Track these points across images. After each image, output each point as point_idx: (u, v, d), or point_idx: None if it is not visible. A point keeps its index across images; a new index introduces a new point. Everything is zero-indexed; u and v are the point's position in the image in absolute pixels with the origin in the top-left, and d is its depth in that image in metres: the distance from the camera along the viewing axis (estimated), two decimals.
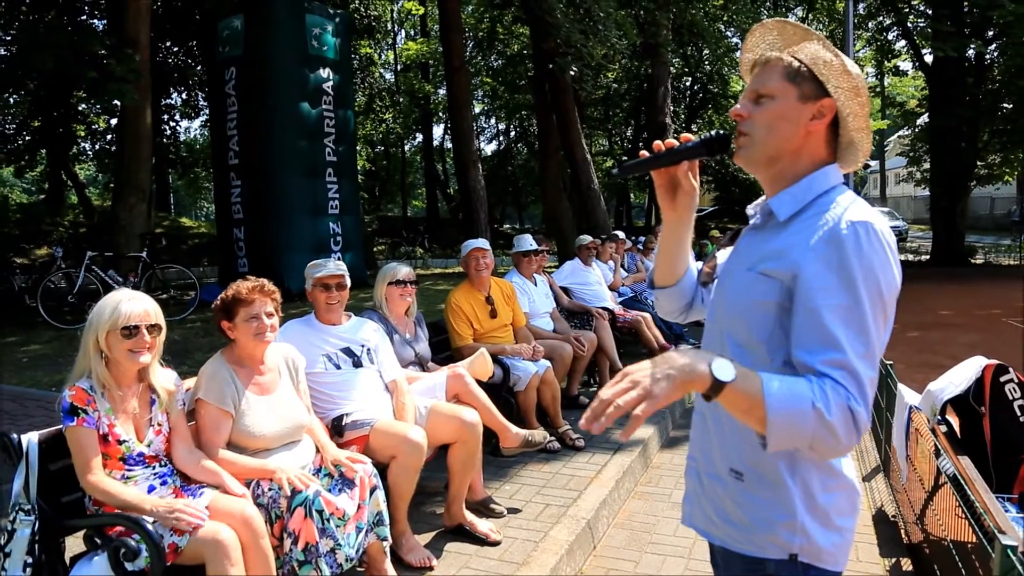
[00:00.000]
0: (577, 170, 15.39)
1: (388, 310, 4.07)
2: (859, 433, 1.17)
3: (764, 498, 1.34)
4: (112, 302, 2.45)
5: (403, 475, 3.11)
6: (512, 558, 3.19)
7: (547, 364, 4.83)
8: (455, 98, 14.43)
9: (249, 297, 2.80)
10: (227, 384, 2.75)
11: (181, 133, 25.00)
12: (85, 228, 17.38)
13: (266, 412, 2.80)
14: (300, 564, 2.50)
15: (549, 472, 4.24)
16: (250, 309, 2.80)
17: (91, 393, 2.40)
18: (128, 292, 2.52)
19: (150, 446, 2.51)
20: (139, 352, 2.44)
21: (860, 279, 1.20)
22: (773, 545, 1.34)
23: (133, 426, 2.50)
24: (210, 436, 2.70)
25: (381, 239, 23.33)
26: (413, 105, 29.27)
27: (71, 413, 2.36)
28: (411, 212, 36.03)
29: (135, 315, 2.43)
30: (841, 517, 1.35)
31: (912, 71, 24.45)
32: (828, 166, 1.37)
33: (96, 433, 2.38)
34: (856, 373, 1.18)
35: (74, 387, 2.40)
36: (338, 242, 11.74)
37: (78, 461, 2.36)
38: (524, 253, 5.79)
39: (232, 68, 11.40)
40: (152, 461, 2.52)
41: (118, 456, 2.43)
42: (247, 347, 2.84)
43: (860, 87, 1.34)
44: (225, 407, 2.72)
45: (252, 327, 2.79)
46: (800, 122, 1.35)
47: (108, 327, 2.41)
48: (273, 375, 2.91)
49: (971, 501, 2.44)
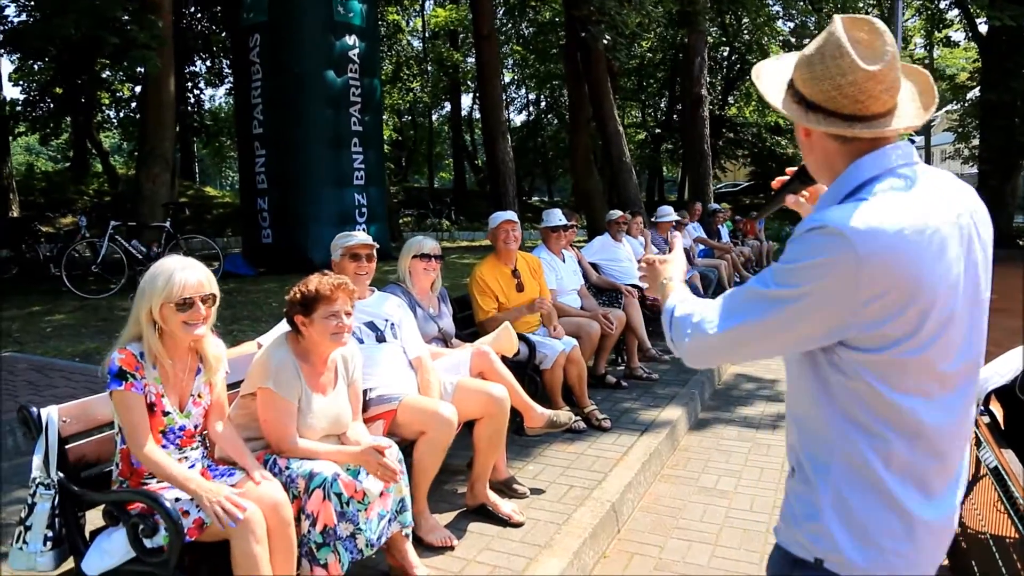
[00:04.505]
0: (609, 142, 15.13)
1: (412, 284, 4.00)
2: (677, 349, 1.46)
3: (800, 493, 1.34)
4: (165, 271, 2.34)
5: (431, 452, 3.06)
6: (535, 540, 3.12)
7: (574, 342, 4.73)
8: (484, 67, 14.21)
9: (333, 295, 2.67)
10: (294, 378, 2.66)
11: (206, 101, 25.08)
12: (109, 197, 17.55)
13: (318, 413, 2.72)
14: (318, 547, 2.45)
15: (574, 453, 4.16)
16: (330, 307, 2.67)
17: (140, 360, 2.34)
18: (181, 260, 2.41)
19: (189, 417, 2.46)
20: (194, 325, 2.36)
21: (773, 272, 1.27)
22: (797, 543, 1.33)
23: (178, 398, 2.44)
24: (285, 427, 2.63)
25: (407, 211, 23.27)
26: (441, 74, 29.06)
27: (119, 376, 2.29)
28: (438, 183, 35.94)
29: (190, 286, 2.33)
30: (889, 539, 1.26)
31: (964, 42, 23.63)
32: (855, 163, 1.29)
33: (144, 400, 2.32)
34: (704, 321, 1.35)
35: (124, 350, 2.33)
36: (363, 214, 11.67)
37: (128, 427, 2.30)
38: (553, 228, 5.67)
39: (256, 35, 11.28)
40: (186, 442, 2.47)
41: (159, 429, 2.38)
42: (319, 345, 2.72)
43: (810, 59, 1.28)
44: (292, 400, 2.65)
45: (330, 326, 2.67)
46: (801, 135, 1.36)
47: (162, 299, 2.31)
48: (331, 374, 2.82)
49: (1013, 495, 2.33)
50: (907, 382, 1.22)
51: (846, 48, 1.22)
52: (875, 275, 1.16)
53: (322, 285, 2.68)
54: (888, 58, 1.23)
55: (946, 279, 1.20)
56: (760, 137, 30.23)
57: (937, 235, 1.20)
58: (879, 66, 1.22)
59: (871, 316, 1.18)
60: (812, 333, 1.24)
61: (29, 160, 27.05)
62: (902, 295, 1.17)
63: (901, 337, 1.19)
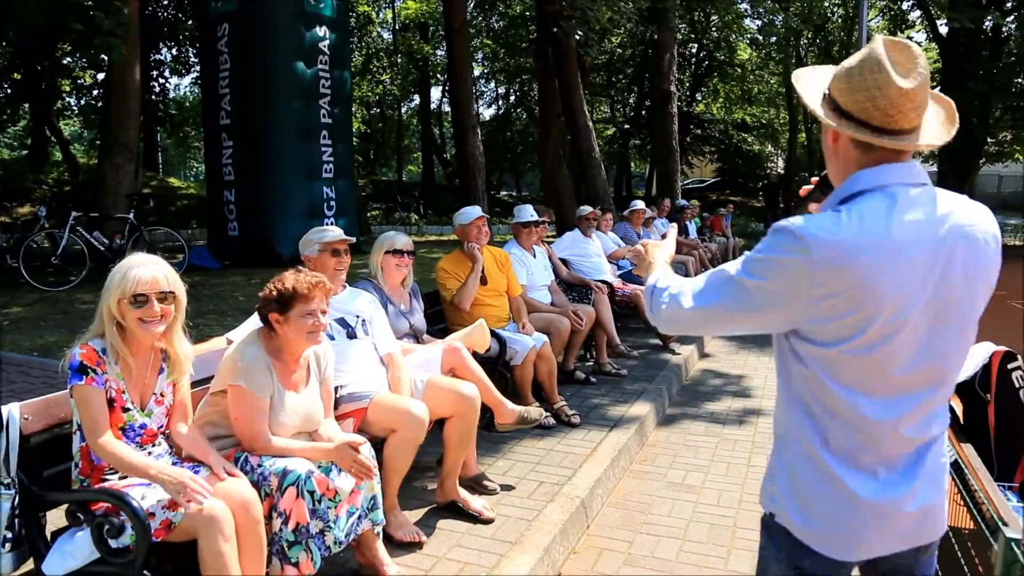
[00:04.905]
0: (578, 137, 15.15)
1: (383, 280, 3.97)
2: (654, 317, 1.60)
3: (771, 457, 1.55)
4: (123, 268, 2.34)
5: (402, 451, 3.05)
6: (505, 536, 3.13)
7: (544, 338, 4.74)
8: (454, 60, 14.14)
9: (311, 294, 2.62)
10: (266, 375, 2.62)
11: (171, 90, 24.58)
12: (70, 187, 17.07)
13: (290, 410, 2.69)
14: (290, 545, 2.43)
15: (543, 449, 4.18)
16: (308, 305, 2.62)
17: (102, 355, 2.31)
18: (140, 257, 2.39)
19: (151, 416, 2.43)
20: (151, 322, 2.34)
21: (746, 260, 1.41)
22: (763, 498, 1.55)
23: (140, 396, 2.41)
24: (257, 425, 2.59)
25: (375, 204, 23.10)
26: (411, 66, 28.84)
27: (80, 371, 2.26)
28: (406, 177, 35.65)
29: (143, 282, 2.31)
30: (829, 510, 1.42)
31: (925, 42, 24.07)
32: (853, 175, 1.40)
33: (104, 395, 2.30)
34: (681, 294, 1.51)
35: (86, 345, 2.31)
36: (332, 207, 11.55)
37: (87, 421, 2.27)
38: (524, 224, 5.68)
39: (225, 24, 11.08)
40: (148, 440, 2.43)
41: (119, 425, 2.35)
42: (294, 343, 2.68)
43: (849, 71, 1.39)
44: (264, 397, 2.61)
45: (307, 324, 2.63)
46: (829, 140, 1.45)
47: (118, 295, 2.31)
48: (303, 372, 2.79)
49: (971, 488, 2.39)
50: (849, 377, 1.37)
51: (885, 65, 1.33)
52: (827, 279, 1.30)
53: (299, 283, 2.64)
54: (920, 80, 1.33)
55: (901, 291, 1.31)
56: (727, 134, 30.55)
57: (900, 252, 1.30)
58: (911, 85, 1.32)
59: (823, 312, 1.33)
60: (772, 319, 1.41)
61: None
62: (852, 299, 1.30)
63: (848, 336, 1.33)
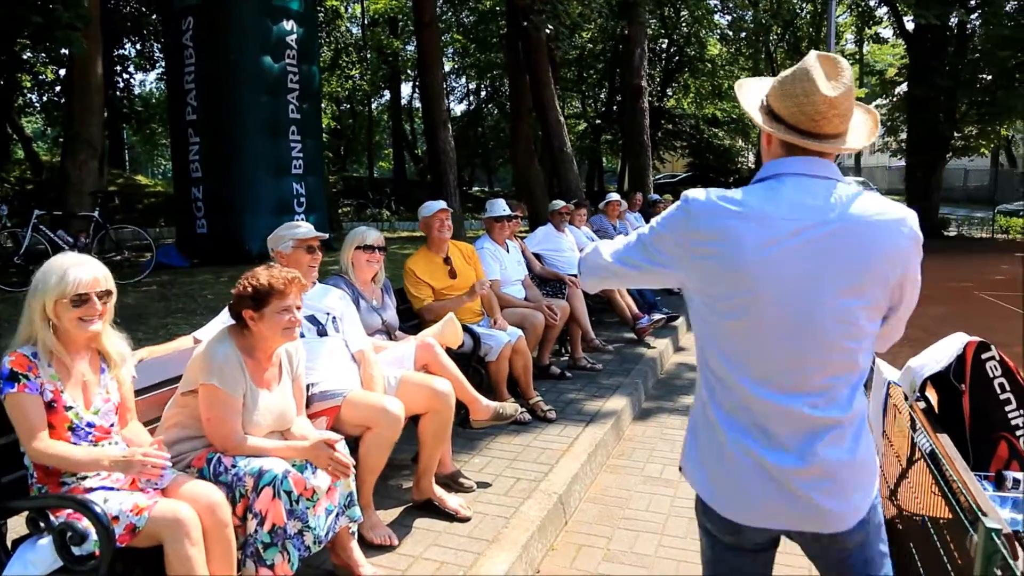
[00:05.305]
0: (549, 132, 15.12)
1: (354, 276, 3.91)
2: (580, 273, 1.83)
3: None
4: (58, 268, 2.26)
5: (377, 448, 3.00)
6: (482, 535, 3.09)
7: (519, 333, 4.71)
8: (425, 55, 13.99)
9: (286, 289, 2.57)
10: (239, 373, 2.56)
11: (136, 86, 24.16)
12: (33, 185, 16.69)
13: (263, 409, 2.63)
14: (265, 547, 2.37)
15: (520, 445, 4.15)
16: (283, 301, 2.57)
17: (34, 360, 2.24)
18: (75, 257, 2.34)
19: (98, 414, 2.36)
20: (90, 321, 2.28)
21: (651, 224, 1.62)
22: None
23: (82, 393, 2.34)
24: (231, 425, 2.53)
25: (346, 200, 22.86)
26: (381, 62, 28.60)
27: (11, 379, 2.19)
28: (377, 173, 35.38)
29: (84, 283, 2.25)
30: (718, 465, 1.55)
31: (892, 39, 24.44)
32: (767, 163, 1.57)
33: (40, 400, 2.23)
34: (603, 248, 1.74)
35: (14, 353, 2.24)
36: (302, 203, 11.37)
37: (21, 428, 2.20)
38: (497, 218, 5.63)
39: (189, 18, 10.83)
40: (101, 437, 2.35)
41: (66, 425, 2.27)
42: (268, 340, 2.63)
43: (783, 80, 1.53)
44: (238, 396, 2.55)
45: (282, 321, 2.58)
46: (764, 141, 1.61)
47: (56, 295, 2.24)
48: (275, 370, 2.73)
49: (948, 477, 2.40)
50: (728, 344, 1.50)
51: (812, 75, 1.46)
52: (700, 235, 1.48)
53: (275, 279, 2.59)
54: (844, 89, 1.47)
55: (770, 263, 1.43)
56: (698, 129, 30.69)
57: (771, 225, 1.44)
58: (835, 94, 1.46)
59: (701, 273, 1.50)
60: (668, 275, 1.61)
61: None
62: (723, 260, 1.45)
63: (723, 299, 1.48)
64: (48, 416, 2.24)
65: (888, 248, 1.46)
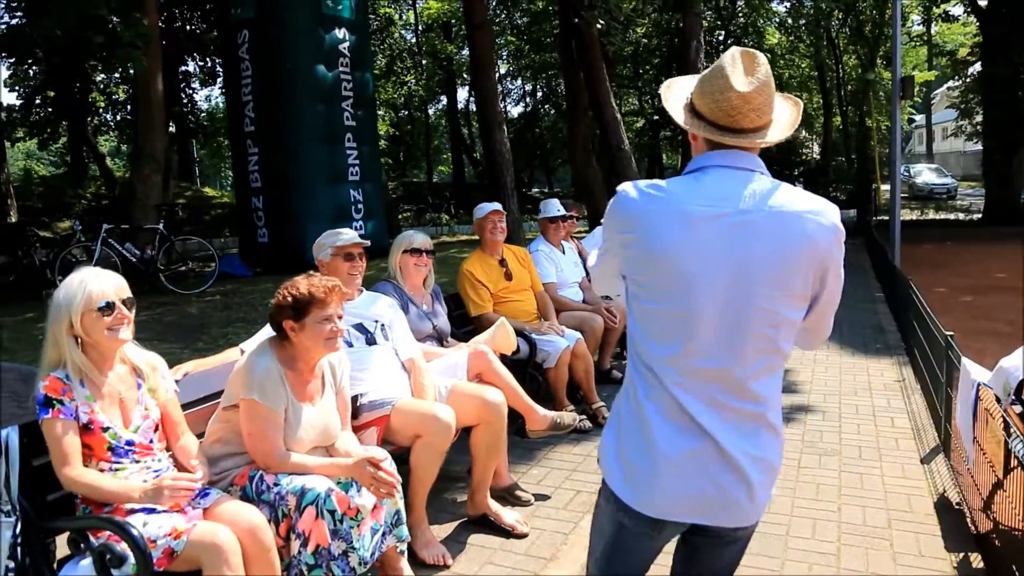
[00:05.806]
0: (606, 130, 14.87)
1: (403, 280, 3.82)
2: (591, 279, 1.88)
3: None
4: (78, 284, 2.24)
5: (428, 457, 2.88)
6: (540, 553, 2.94)
7: (578, 336, 4.55)
8: (478, 57, 13.92)
9: (327, 298, 2.48)
10: (280, 387, 2.47)
11: (201, 101, 24.92)
12: (107, 200, 17.42)
13: (306, 424, 2.53)
14: (310, 568, 2.28)
15: (580, 454, 3.97)
16: (324, 311, 2.47)
17: (67, 382, 2.21)
18: (91, 270, 2.32)
19: (137, 431, 2.30)
20: (118, 328, 2.25)
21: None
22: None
23: (120, 412, 2.30)
24: (272, 440, 2.44)
25: (406, 206, 23.06)
26: (436, 66, 28.76)
27: (45, 405, 2.17)
28: (437, 177, 35.69)
29: (109, 291, 2.24)
30: (635, 455, 1.52)
31: (963, 16, 23.22)
32: (694, 157, 1.59)
33: (76, 424, 2.19)
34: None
35: (48, 377, 2.21)
36: (359, 210, 11.48)
37: (54, 455, 2.18)
38: (551, 219, 5.48)
39: (245, 31, 11.07)
40: (143, 454, 2.30)
41: (104, 446, 2.23)
42: (310, 351, 2.53)
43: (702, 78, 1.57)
44: (278, 411, 2.46)
45: (324, 331, 2.47)
46: (691, 136, 1.62)
47: (82, 308, 2.21)
48: (318, 382, 2.63)
49: None
50: (652, 329, 1.51)
51: (726, 72, 1.50)
52: (625, 222, 1.52)
53: (315, 288, 2.49)
54: (758, 85, 1.50)
55: (685, 249, 1.44)
56: None
57: (682, 212, 1.46)
58: (748, 89, 1.49)
59: (630, 260, 1.53)
60: (615, 266, 1.60)
61: (27, 165, 27.03)
62: (644, 247, 1.48)
63: (644, 283, 1.50)
64: (86, 438, 2.21)
65: (805, 238, 1.47)
